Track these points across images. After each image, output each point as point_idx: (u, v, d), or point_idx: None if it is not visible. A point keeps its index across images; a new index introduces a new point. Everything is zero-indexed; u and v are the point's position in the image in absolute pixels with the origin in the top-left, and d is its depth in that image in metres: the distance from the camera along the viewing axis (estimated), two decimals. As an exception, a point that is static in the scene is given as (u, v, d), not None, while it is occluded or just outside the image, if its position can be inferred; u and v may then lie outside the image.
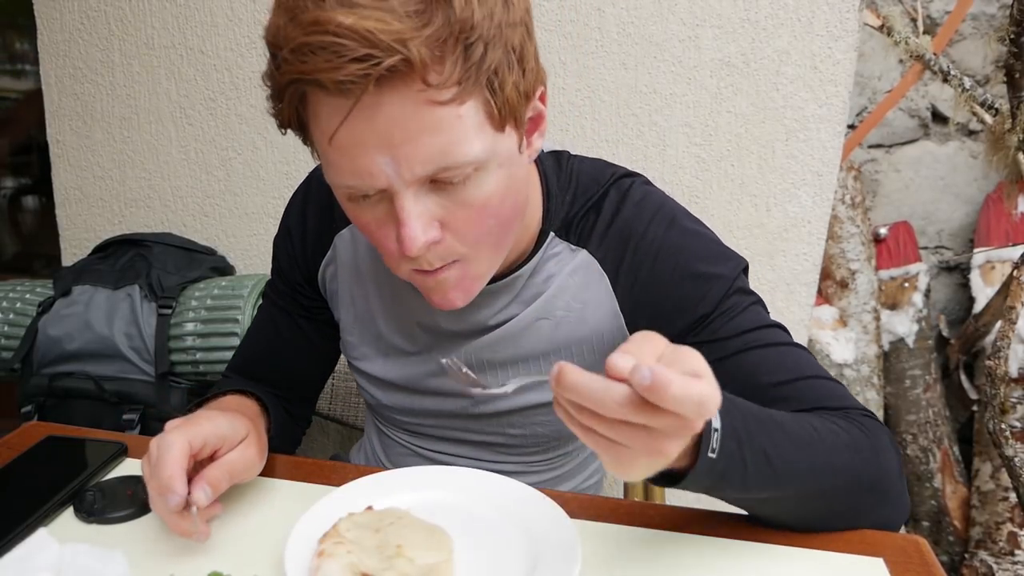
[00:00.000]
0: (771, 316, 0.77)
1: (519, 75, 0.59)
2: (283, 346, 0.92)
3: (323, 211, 0.85)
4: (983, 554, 1.81)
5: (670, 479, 0.56)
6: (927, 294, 2.07)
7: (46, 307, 1.43)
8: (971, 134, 2.13)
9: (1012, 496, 1.78)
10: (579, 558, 0.60)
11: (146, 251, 1.52)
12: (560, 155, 0.81)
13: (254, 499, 0.73)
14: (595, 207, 0.77)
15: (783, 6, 1.31)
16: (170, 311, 1.40)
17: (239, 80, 1.53)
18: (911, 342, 2.03)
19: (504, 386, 0.63)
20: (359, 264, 0.84)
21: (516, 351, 0.80)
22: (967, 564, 1.84)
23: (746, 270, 0.77)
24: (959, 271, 2.19)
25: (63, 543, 0.61)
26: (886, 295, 2.08)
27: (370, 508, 0.67)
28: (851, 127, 2.04)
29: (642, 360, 0.47)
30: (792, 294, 1.45)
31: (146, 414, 1.39)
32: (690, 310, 0.74)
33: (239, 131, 1.56)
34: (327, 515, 0.65)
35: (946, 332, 2.11)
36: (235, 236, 1.63)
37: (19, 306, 1.46)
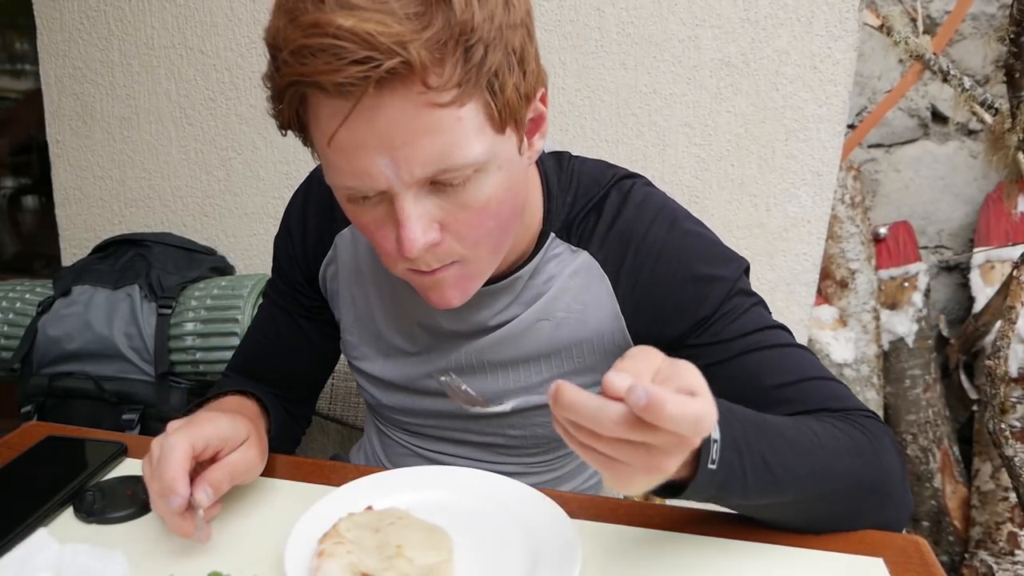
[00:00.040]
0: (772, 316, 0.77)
1: (520, 77, 0.59)
2: (283, 346, 0.92)
3: (324, 211, 0.85)
4: (983, 554, 1.81)
5: (671, 491, 0.56)
6: (927, 294, 2.07)
7: (46, 307, 1.43)
8: (971, 134, 2.13)
9: (1012, 496, 1.78)
10: (579, 558, 0.60)
11: (146, 251, 1.52)
12: (561, 156, 0.81)
13: (254, 499, 0.73)
14: (596, 208, 0.77)
15: (783, 6, 1.31)
16: (170, 311, 1.40)
17: (239, 80, 1.53)
18: (911, 342, 2.03)
19: (502, 404, 0.63)
20: (360, 264, 0.84)
21: (517, 352, 0.80)
22: (967, 564, 1.84)
23: (748, 271, 0.77)
24: (959, 271, 2.19)
25: (63, 543, 0.61)
26: (886, 295, 2.08)
27: (370, 508, 0.67)
28: (851, 127, 2.04)
29: (638, 377, 0.48)
30: (792, 294, 1.45)
31: (146, 414, 1.39)
32: (691, 312, 0.74)
33: (239, 131, 1.56)
34: (327, 515, 0.65)
35: (946, 332, 2.11)
36: (235, 236, 1.63)
37: (19, 306, 1.46)
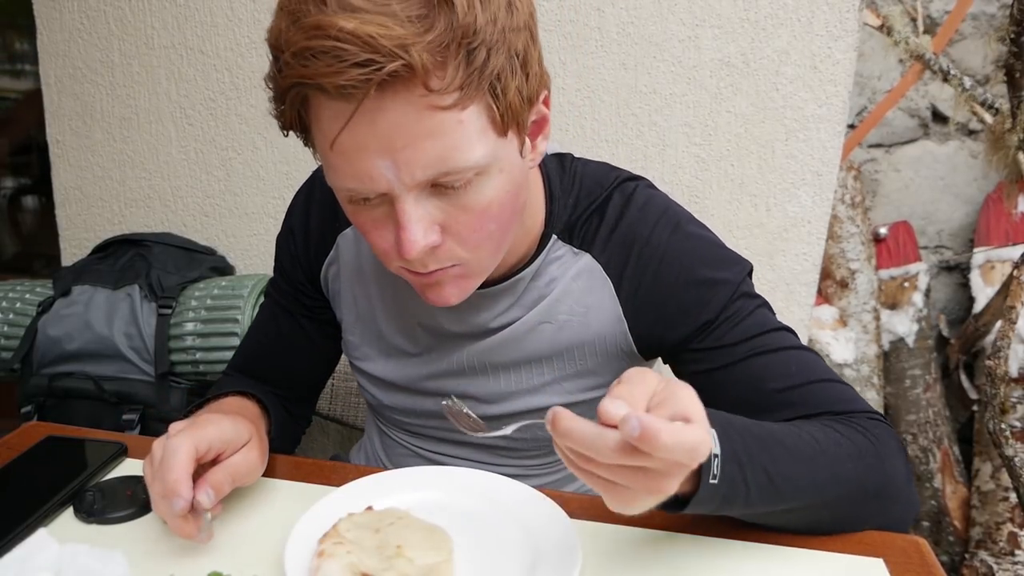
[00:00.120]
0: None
1: (522, 80, 0.59)
2: (285, 345, 0.92)
3: (326, 211, 0.85)
4: (983, 554, 1.81)
5: (673, 506, 0.56)
6: (927, 294, 2.07)
7: (46, 307, 1.43)
8: (971, 134, 2.13)
9: (1012, 496, 1.78)
10: (579, 558, 0.60)
11: (146, 251, 1.52)
12: (564, 158, 0.80)
13: (254, 499, 0.73)
14: (598, 210, 0.77)
15: (783, 6, 1.31)
16: (170, 311, 1.40)
17: (239, 80, 1.53)
18: (911, 342, 2.03)
19: (503, 430, 0.65)
20: (362, 264, 0.84)
21: (518, 354, 0.80)
22: (967, 564, 1.84)
23: (751, 273, 0.77)
24: (959, 271, 2.19)
25: (63, 543, 0.61)
26: (886, 295, 2.08)
27: (370, 508, 0.67)
28: (851, 127, 2.04)
29: (633, 403, 0.48)
30: (792, 294, 1.45)
31: (146, 414, 1.39)
32: (695, 316, 0.74)
33: (239, 131, 1.56)
34: (327, 515, 0.65)
35: (946, 332, 2.11)
36: (235, 236, 1.63)
37: (19, 306, 1.46)
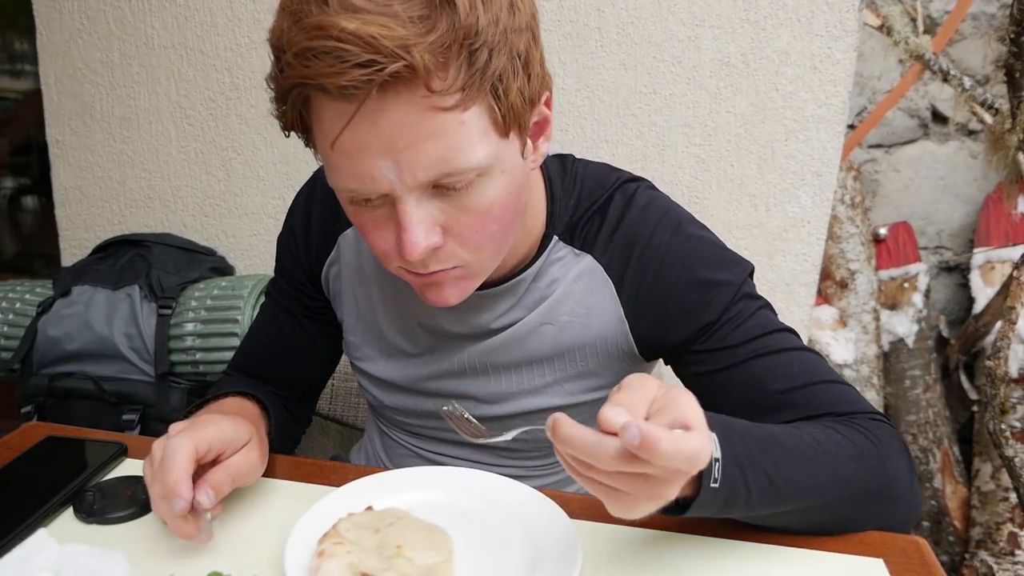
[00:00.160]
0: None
1: (524, 81, 0.59)
2: (285, 345, 0.92)
3: (327, 211, 0.85)
4: (983, 554, 1.81)
5: (675, 509, 0.57)
6: (927, 294, 2.07)
7: (46, 307, 1.43)
8: (971, 134, 2.13)
9: (1012, 496, 1.78)
10: (579, 558, 0.60)
11: (146, 251, 1.52)
12: (565, 159, 0.80)
13: (254, 499, 0.73)
14: (600, 211, 0.77)
15: (783, 6, 1.31)
16: (170, 311, 1.40)
17: (239, 80, 1.53)
18: (911, 342, 2.03)
19: (503, 436, 0.65)
20: (363, 265, 0.84)
21: (519, 355, 0.80)
22: (967, 564, 1.84)
23: (752, 274, 0.77)
24: (959, 271, 2.19)
25: (63, 543, 0.61)
26: (886, 295, 2.08)
27: (370, 508, 0.67)
28: (851, 127, 2.04)
29: (633, 410, 0.48)
30: (792, 294, 1.45)
31: (146, 414, 1.39)
32: (696, 317, 0.74)
33: (239, 131, 1.56)
34: (327, 515, 0.65)
35: (946, 332, 2.11)
36: (235, 236, 1.63)
37: (19, 306, 1.46)
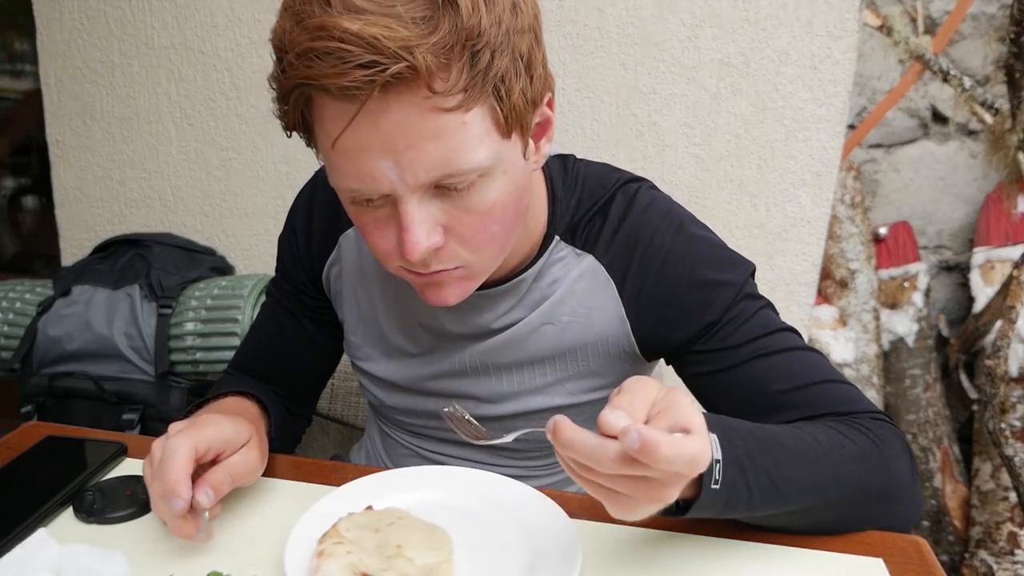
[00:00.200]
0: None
1: (526, 82, 0.59)
2: (286, 345, 0.92)
3: (329, 211, 0.85)
4: (983, 554, 1.81)
5: (676, 511, 0.57)
6: (927, 294, 2.07)
7: (46, 307, 1.43)
8: (971, 134, 2.13)
9: (1012, 496, 1.78)
10: (579, 558, 0.60)
11: (146, 251, 1.52)
12: (566, 159, 0.80)
13: (254, 499, 0.73)
14: (601, 212, 0.77)
15: (783, 6, 1.31)
16: (170, 311, 1.40)
17: (239, 80, 1.53)
18: (911, 342, 2.03)
19: (504, 438, 0.65)
20: (363, 265, 0.84)
21: (521, 355, 0.80)
22: (967, 564, 1.84)
23: (753, 274, 0.77)
24: (959, 271, 2.19)
25: (63, 543, 0.61)
26: (886, 295, 2.08)
27: (370, 508, 0.67)
28: (851, 127, 2.04)
29: (633, 413, 0.48)
30: (792, 294, 1.45)
31: (146, 414, 1.39)
32: (698, 317, 0.74)
33: (239, 131, 1.56)
34: (327, 515, 0.65)
35: (946, 332, 2.11)
36: (235, 236, 1.63)
37: (19, 306, 1.46)
